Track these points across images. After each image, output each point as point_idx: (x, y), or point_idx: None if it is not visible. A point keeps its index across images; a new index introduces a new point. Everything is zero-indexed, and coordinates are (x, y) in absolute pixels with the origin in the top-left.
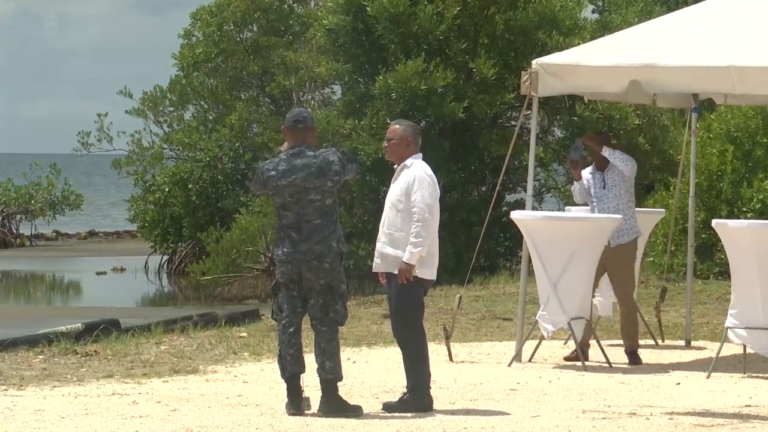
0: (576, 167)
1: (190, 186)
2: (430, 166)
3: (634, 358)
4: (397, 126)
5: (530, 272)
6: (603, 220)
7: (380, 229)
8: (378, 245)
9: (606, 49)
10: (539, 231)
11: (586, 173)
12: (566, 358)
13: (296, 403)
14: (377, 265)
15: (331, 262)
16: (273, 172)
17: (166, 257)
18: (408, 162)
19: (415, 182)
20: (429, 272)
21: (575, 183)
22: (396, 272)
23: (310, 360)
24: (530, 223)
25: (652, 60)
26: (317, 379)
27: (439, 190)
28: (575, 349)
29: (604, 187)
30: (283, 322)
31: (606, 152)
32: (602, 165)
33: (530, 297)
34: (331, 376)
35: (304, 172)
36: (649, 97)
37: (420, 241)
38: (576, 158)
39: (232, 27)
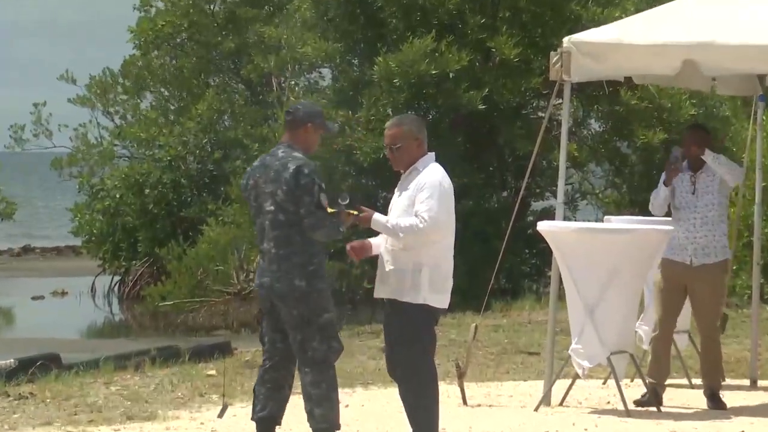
0: (674, 172)
1: (146, 191)
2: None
3: (715, 402)
4: (398, 127)
5: (561, 296)
6: (650, 233)
7: (382, 245)
8: (380, 264)
9: (654, 23)
10: (572, 246)
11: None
12: (636, 403)
13: None
14: (379, 289)
15: (303, 292)
16: (248, 169)
17: (117, 278)
18: (419, 165)
19: (424, 189)
20: (440, 299)
21: (660, 187)
22: (402, 300)
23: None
24: (561, 236)
25: (711, 37)
26: (296, 424)
27: (453, 202)
28: (646, 392)
29: (693, 193)
30: (263, 356)
31: (709, 157)
32: (696, 165)
33: (561, 326)
34: (323, 426)
35: (266, 173)
36: (707, 82)
37: (400, 236)
38: (676, 165)
39: None
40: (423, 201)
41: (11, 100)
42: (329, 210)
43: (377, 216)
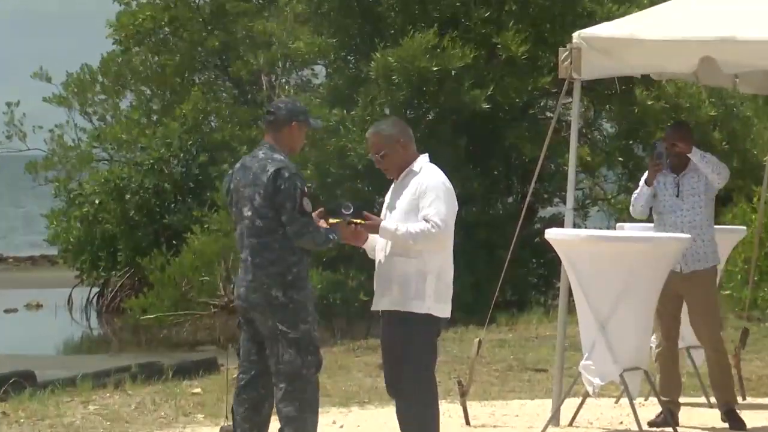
0: (657, 169)
1: (127, 197)
2: (441, 170)
3: (733, 419)
4: (377, 135)
5: (571, 309)
6: (666, 242)
7: (380, 252)
8: (379, 274)
9: (670, 18)
10: (583, 255)
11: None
12: (650, 423)
13: None
14: (379, 301)
15: (280, 303)
16: (230, 171)
17: (96, 290)
18: (415, 166)
19: (428, 192)
20: (444, 308)
21: (642, 188)
22: (404, 309)
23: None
24: (571, 245)
25: (731, 32)
26: None
27: (456, 204)
28: (661, 412)
29: (677, 195)
30: (239, 370)
31: (696, 155)
32: (679, 166)
33: (571, 341)
34: None
35: (245, 176)
36: (728, 80)
37: (411, 243)
38: (661, 159)
39: None
40: (430, 204)
41: None
42: (333, 221)
43: (385, 223)
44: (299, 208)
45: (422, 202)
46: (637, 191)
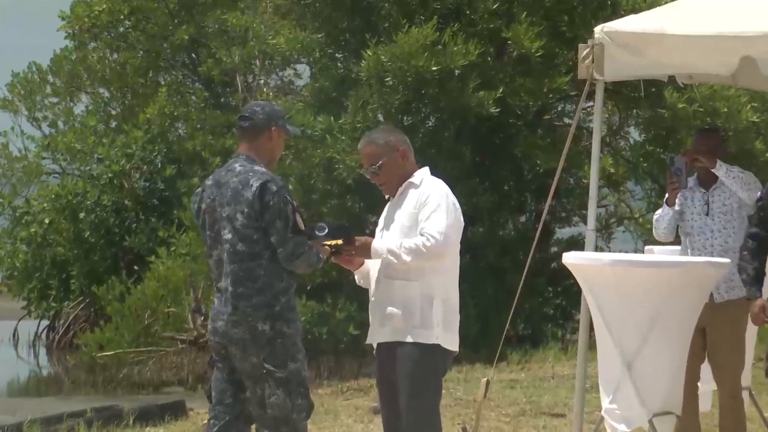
0: (675, 189)
1: (82, 215)
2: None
3: None
4: (372, 144)
5: (592, 345)
6: (702, 267)
7: (373, 278)
8: (376, 303)
9: (705, 11)
10: (606, 282)
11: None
12: None
13: None
14: (376, 333)
15: (267, 338)
16: (199, 189)
17: (45, 323)
18: (415, 179)
19: (428, 203)
20: (454, 340)
21: (664, 208)
22: (410, 341)
23: None
24: (592, 271)
25: None
26: None
27: (462, 220)
28: None
29: (707, 214)
30: (209, 414)
31: (721, 170)
32: (708, 180)
33: (592, 382)
34: None
35: (221, 193)
36: None
37: (406, 260)
38: (679, 177)
39: None
40: (428, 217)
41: None
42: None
43: (376, 243)
44: (293, 225)
45: (421, 214)
46: (659, 211)
